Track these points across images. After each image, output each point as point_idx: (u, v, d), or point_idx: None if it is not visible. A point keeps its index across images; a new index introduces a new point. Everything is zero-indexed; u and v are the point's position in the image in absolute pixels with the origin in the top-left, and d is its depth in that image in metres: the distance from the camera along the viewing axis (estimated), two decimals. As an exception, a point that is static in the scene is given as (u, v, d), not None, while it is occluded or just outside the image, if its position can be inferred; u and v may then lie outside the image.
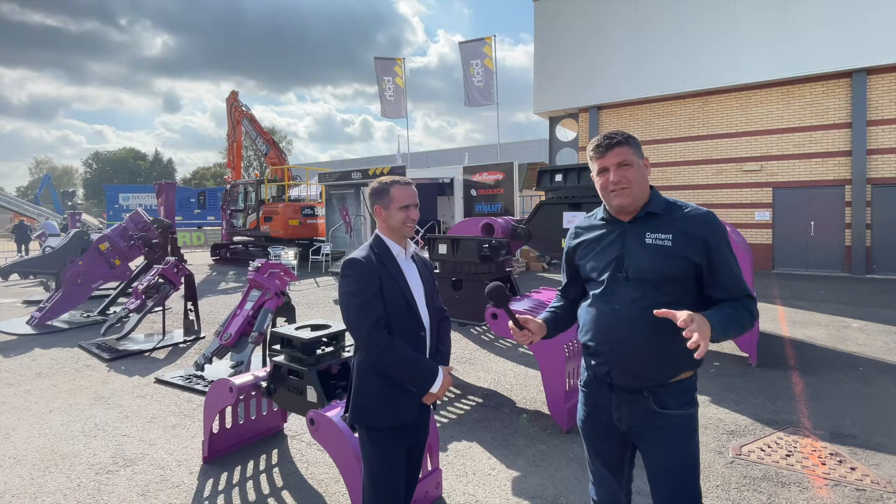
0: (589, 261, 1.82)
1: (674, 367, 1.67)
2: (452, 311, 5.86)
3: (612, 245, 1.76)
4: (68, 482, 3.18)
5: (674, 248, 1.65)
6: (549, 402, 3.93)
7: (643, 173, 1.74)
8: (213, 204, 27.68)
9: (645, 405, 1.69)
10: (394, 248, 2.01)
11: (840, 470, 3.19)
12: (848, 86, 12.73)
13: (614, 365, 1.71)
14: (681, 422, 1.69)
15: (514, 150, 27.83)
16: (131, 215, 8.53)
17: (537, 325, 1.87)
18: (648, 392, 1.69)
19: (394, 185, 2.01)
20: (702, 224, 1.67)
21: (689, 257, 1.64)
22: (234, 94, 19.13)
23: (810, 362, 5.45)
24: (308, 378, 3.09)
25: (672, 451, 1.70)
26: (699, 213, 1.70)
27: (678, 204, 1.75)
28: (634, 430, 1.74)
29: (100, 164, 71.40)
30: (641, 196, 1.73)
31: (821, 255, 13.11)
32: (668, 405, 1.68)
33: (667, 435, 1.69)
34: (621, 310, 1.69)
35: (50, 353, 6.17)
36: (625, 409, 1.73)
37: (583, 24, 16.44)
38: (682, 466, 1.70)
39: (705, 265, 1.65)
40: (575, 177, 7.00)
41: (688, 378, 1.71)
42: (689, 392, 1.71)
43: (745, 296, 1.65)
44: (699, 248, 1.64)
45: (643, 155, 1.77)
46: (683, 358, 1.60)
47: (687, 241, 1.65)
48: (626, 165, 1.71)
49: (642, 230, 1.71)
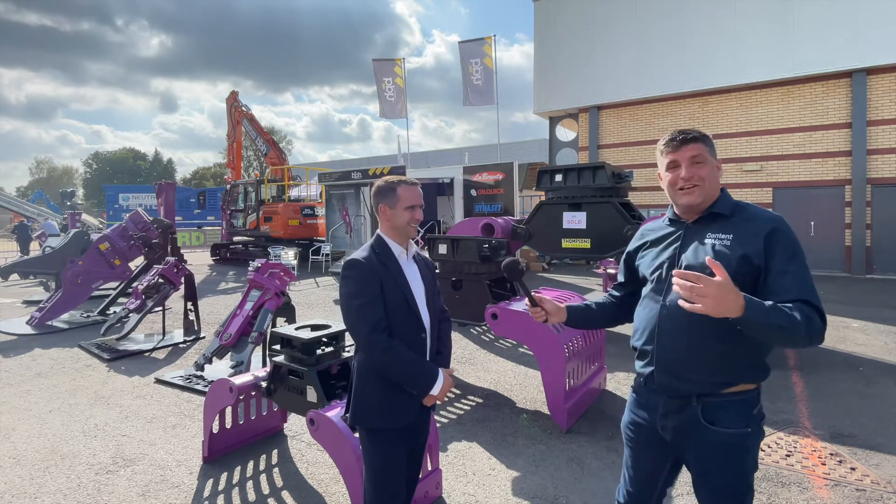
0: (646, 260, 1.78)
1: (726, 374, 1.54)
2: (452, 311, 5.86)
3: (670, 245, 1.71)
4: (68, 482, 3.18)
5: (732, 247, 1.55)
6: (549, 402, 3.93)
7: (715, 173, 1.66)
8: (213, 204, 27.70)
9: (691, 415, 1.57)
10: (395, 248, 2.01)
11: (840, 470, 3.19)
12: (848, 86, 12.73)
13: (658, 364, 1.63)
14: (732, 441, 1.53)
15: (514, 150, 27.85)
16: (131, 215, 8.53)
17: (554, 306, 1.86)
18: (697, 401, 1.56)
19: (401, 184, 2.01)
20: (767, 225, 1.54)
21: (748, 255, 1.52)
22: (234, 94, 19.12)
23: (810, 362, 5.45)
24: (308, 378, 3.08)
25: (718, 473, 1.56)
26: (767, 215, 1.59)
27: (749, 207, 1.65)
28: (679, 443, 1.62)
29: (100, 164, 71.43)
30: (710, 197, 1.66)
31: (821, 255, 13.10)
32: (717, 420, 1.53)
33: (714, 453, 1.55)
34: (670, 307, 1.60)
35: (50, 353, 6.17)
36: (670, 417, 1.62)
37: (583, 24, 16.44)
38: (729, 487, 1.56)
39: (763, 266, 1.51)
40: (575, 177, 6.99)
41: (747, 391, 1.56)
42: (746, 407, 1.55)
43: (805, 301, 1.42)
44: (759, 248, 1.52)
45: (717, 155, 1.69)
46: (739, 367, 1.52)
47: (747, 239, 1.54)
48: (699, 162, 1.64)
49: (704, 230, 1.64)
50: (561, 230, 7.03)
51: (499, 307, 4.09)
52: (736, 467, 1.55)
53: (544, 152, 20.35)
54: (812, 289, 1.46)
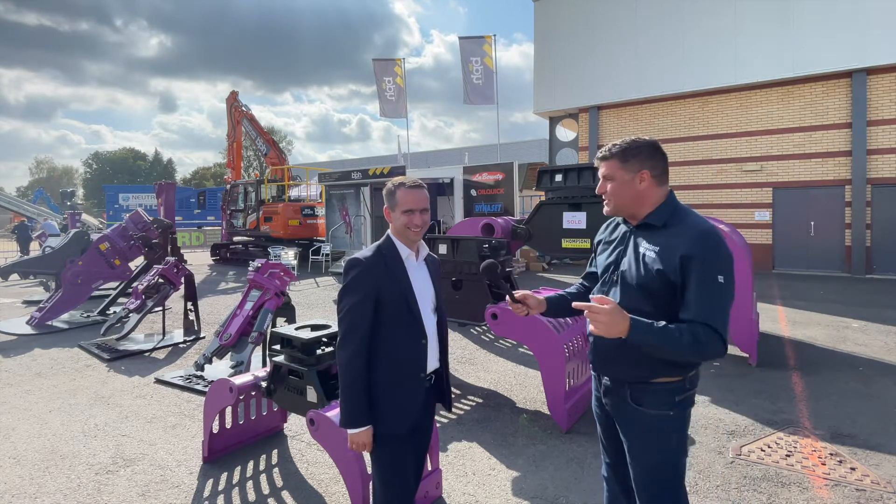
0: (600, 260, 1.94)
1: (645, 368, 1.70)
2: (452, 311, 5.86)
3: (617, 248, 1.86)
4: (68, 482, 3.18)
5: (656, 259, 1.66)
6: (549, 402, 3.93)
7: (627, 188, 1.75)
8: (213, 204, 27.70)
9: (622, 397, 1.77)
10: (403, 250, 1.99)
11: (840, 470, 3.19)
12: (848, 86, 12.73)
13: (594, 354, 1.87)
14: (655, 421, 1.72)
15: (513, 150, 27.82)
16: (131, 215, 8.53)
17: (535, 300, 1.97)
18: (629, 386, 1.76)
19: (400, 188, 1.97)
20: (688, 241, 1.61)
21: (665, 271, 1.62)
22: (234, 94, 19.13)
23: (810, 362, 5.45)
24: (308, 378, 3.08)
25: (644, 447, 1.75)
26: (692, 231, 1.64)
27: (685, 218, 1.71)
28: (618, 421, 1.83)
29: (100, 164, 71.45)
30: (629, 208, 1.78)
31: (821, 255, 13.11)
32: (643, 403, 1.73)
33: (639, 430, 1.75)
34: None
35: (50, 353, 6.17)
36: (609, 395, 1.84)
37: (583, 24, 16.44)
38: (656, 464, 1.73)
39: (679, 283, 1.61)
40: (575, 177, 6.98)
41: (672, 382, 1.71)
42: (669, 394, 1.71)
43: (703, 323, 1.55)
44: (675, 266, 1.61)
45: (642, 168, 1.73)
46: (656, 364, 1.67)
47: (667, 255, 1.64)
48: (607, 179, 1.80)
49: (641, 238, 1.77)
50: (561, 230, 7.03)
51: (499, 307, 4.09)
52: (658, 445, 1.73)
53: (544, 152, 20.35)
54: (716, 310, 1.57)
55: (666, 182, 1.77)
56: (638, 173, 1.74)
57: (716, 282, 1.58)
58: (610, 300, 1.56)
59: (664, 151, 1.79)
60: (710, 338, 1.55)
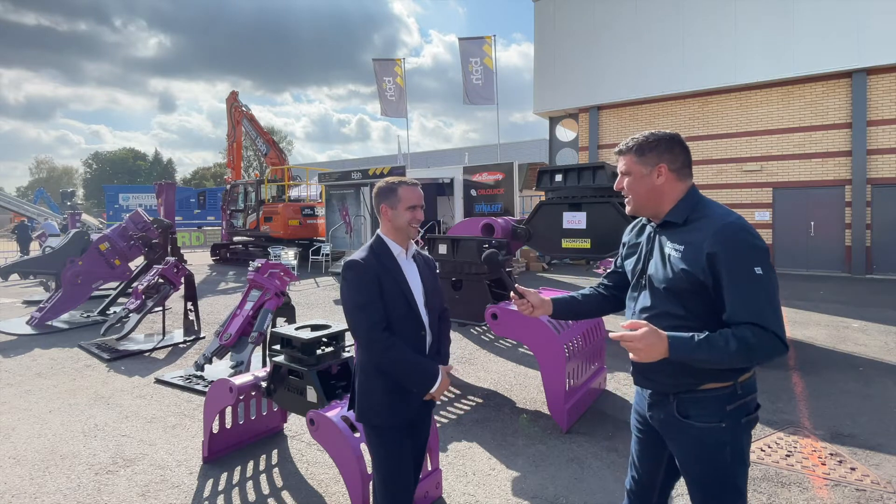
0: (627, 262, 1.85)
1: (689, 376, 1.58)
2: (452, 311, 5.86)
3: (642, 250, 1.77)
4: (68, 482, 3.18)
5: (680, 261, 1.57)
6: (549, 402, 3.93)
7: (644, 183, 1.67)
8: (213, 204, 27.68)
9: (669, 410, 1.64)
10: (395, 248, 2.04)
11: (840, 470, 3.19)
12: (848, 86, 12.73)
13: (634, 370, 1.71)
14: (705, 435, 1.58)
15: (513, 150, 27.84)
16: (131, 215, 8.52)
17: (539, 299, 1.89)
18: (674, 397, 1.63)
19: (402, 185, 2.04)
20: (712, 237, 1.51)
21: (691, 271, 1.53)
22: (234, 94, 19.13)
23: (810, 362, 5.45)
24: (308, 378, 3.08)
25: (695, 465, 1.62)
26: (715, 224, 1.53)
27: (708, 212, 1.61)
28: (667, 437, 1.70)
29: (99, 164, 71.43)
30: (649, 205, 1.69)
31: (821, 255, 13.11)
32: (690, 415, 1.60)
33: (689, 446, 1.62)
34: (637, 316, 1.70)
35: (50, 353, 6.17)
36: (655, 410, 1.70)
37: (583, 24, 16.44)
38: (709, 479, 1.60)
39: (710, 282, 1.51)
40: (575, 177, 6.98)
41: (721, 388, 1.57)
42: (718, 404, 1.57)
43: (749, 323, 1.43)
44: (702, 265, 1.51)
45: (659, 161, 1.66)
46: (701, 371, 1.56)
47: (693, 253, 1.54)
48: (624, 174, 1.72)
49: (665, 237, 1.67)
50: (561, 230, 7.02)
51: (499, 307, 4.09)
52: (711, 460, 1.58)
53: (544, 152, 20.35)
54: (761, 306, 1.43)
55: (688, 176, 1.67)
56: (655, 167, 1.66)
57: (752, 274, 1.45)
58: (642, 323, 1.47)
59: (685, 144, 1.69)
60: (762, 338, 1.41)
